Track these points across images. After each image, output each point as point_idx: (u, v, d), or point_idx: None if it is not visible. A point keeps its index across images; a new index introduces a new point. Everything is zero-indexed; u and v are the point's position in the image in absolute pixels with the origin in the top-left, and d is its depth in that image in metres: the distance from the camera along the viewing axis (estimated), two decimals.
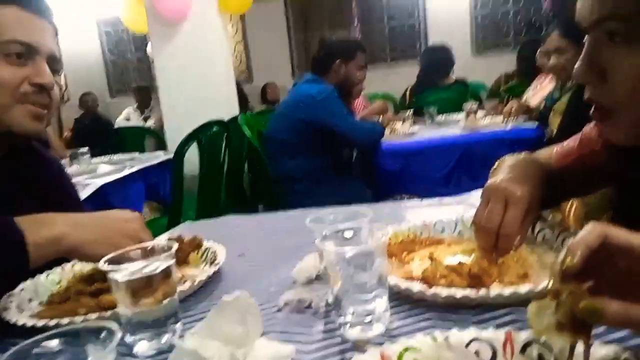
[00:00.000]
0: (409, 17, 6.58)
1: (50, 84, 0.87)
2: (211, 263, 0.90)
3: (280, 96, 5.79)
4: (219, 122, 2.76)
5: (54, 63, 0.89)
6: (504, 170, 0.78)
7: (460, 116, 3.02)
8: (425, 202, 1.22)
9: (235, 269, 0.90)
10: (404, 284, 0.66)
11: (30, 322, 0.68)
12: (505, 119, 2.69)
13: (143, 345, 0.61)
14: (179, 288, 0.70)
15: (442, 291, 0.63)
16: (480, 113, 2.91)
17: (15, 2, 0.84)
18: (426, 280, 0.68)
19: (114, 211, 0.86)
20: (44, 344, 0.40)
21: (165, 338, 0.62)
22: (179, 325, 0.64)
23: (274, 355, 0.55)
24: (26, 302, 0.80)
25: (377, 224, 0.66)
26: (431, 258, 0.78)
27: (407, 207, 1.20)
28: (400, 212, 1.16)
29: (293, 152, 2.46)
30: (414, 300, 0.66)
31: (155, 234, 1.15)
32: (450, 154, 2.41)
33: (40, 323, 0.67)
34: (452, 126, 2.82)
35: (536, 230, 0.82)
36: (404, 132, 2.71)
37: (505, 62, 4.65)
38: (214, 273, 0.84)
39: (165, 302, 0.62)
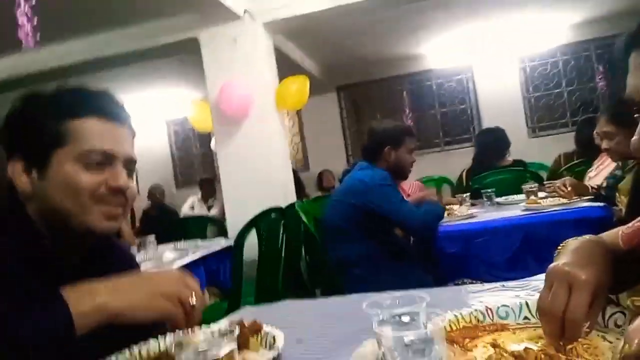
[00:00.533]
0: (460, 102, 6.71)
1: (126, 186, 0.92)
2: (270, 347, 0.91)
3: (335, 183, 5.94)
4: (276, 209, 2.86)
5: (130, 164, 0.96)
6: (568, 253, 0.76)
7: (520, 197, 2.96)
8: (487, 286, 1.18)
9: (294, 354, 0.90)
10: None
11: None
12: (565, 197, 2.59)
13: None
14: None
15: None
16: (541, 194, 2.84)
17: (96, 113, 0.91)
18: None
19: (155, 272, 0.89)
20: None
21: None
22: None
23: None
24: None
25: (436, 309, 0.65)
26: (495, 345, 0.76)
27: (468, 292, 1.17)
28: (461, 297, 1.13)
29: (348, 238, 2.48)
30: None
31: (216, 318, 1.18)
32: (513, 236, 2.33)
33: None
34: (513, 208, 2.75)
35: (607, 315, 0.77)
36: (463, 214, 2.68)
37: (562, 142, 4.58)
38: (273, 358, 0.84)
39: None
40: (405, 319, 0.63)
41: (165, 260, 2.72)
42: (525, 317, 0.86)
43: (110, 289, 0.78)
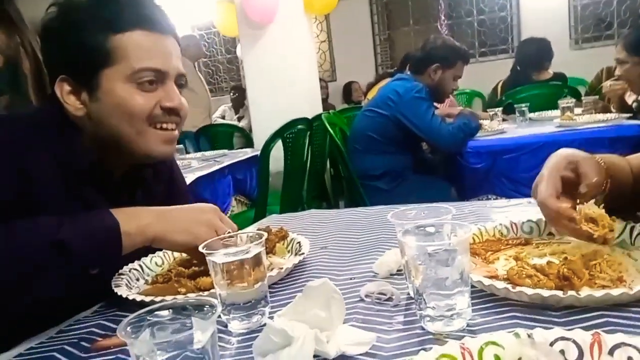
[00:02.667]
0: (500, 9, 6.29)
1: (180, 105, 0.88)
2: (296, 253, 0.95)
3: (362, 97, 5.81)
4: (303, 120, 2.84)
5: (181, 79, 0.90)
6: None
7: (554, 113, 2.85)
8: (512, 201, 1.18)
9: (318, 260, 0.94)
10: (487, 282, 0.66)
11: (139, 298, 0.76)
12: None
13: (236, 324, 0.67)
14: (268, 274, 0.75)
15: (529, 290, 0.62)
16: (577, 110, 2.72)
17: (141, 25, 0.84)
18: (511, 279, 0.68)
19: (193, 205, 0.91)
20: (156, 313, 0.46)
21: (255, 318, 0.67)
22: (267, 308, 0.69)
23: (355, 341, 0.57)
24: (134, 281, 0.89)
25: (461, 221, 0.66)
26: (517, 258, 0.77)
27: (492, 207, 1.17)
28: (485, 211, 1.14)
29: (375, 150, 2.48)
30: (497, 299, 0.65)
31: (243, 226, 1.23)
32: (543, 154, 2.26)
33: (148, 299, 0.75)
34: (546, 124, 2.66)
35: (634, 233, 0.77)
36: (493, 129, 2.61)
37: (606, 56, 4.30)
38: (299, 262, 0.88)
39: (256, 286, 0.67)
40: (430, 229, 0.64)
41: (193, 168, 2.78)
42: (550, 234, 0.87)
43: (153, 214, 0.82)
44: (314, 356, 0.54)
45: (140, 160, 0.92)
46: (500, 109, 3.00)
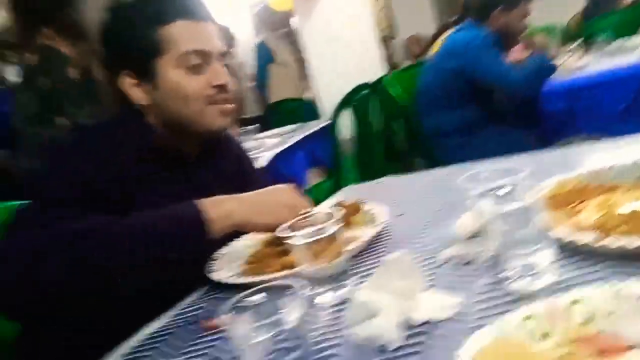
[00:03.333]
0: None
1: (227, 81, 0.97)
2: (373, 224, 0.97)
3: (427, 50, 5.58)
4: (367, 85, 2.81)
5: (224, 57, 1.00)
6: None
7: (638, 40, 2.58)
8: (597, 146, 1.11)
9: (396, 228, 0.95)
10: (572, 235, 0.64)
11: (231, 281, 0.82)
12: None
13: (321, 298, 0.71)
14: (346, 248, 0.78)
15: (618, 240, 0.59)
16: None
17: (180, 15, 0.95)
18: (599, 229, 0.65)
19: (270, 187, 0.97)
20: (251, 296, 0.51)
21: (339, 292, 0.71)
22: (349, 281, 0.72)
23: (439, 306, 0.59)
24: (227, 264, 0.96)
25: (541, 173, 0.63)
26: (604, 207, 0.73)
27: (575, 153, 1.11)
28: (567, 159, 1.08)
29: (445, 106, 2.40)
30: (583, 253, 0.63)
31: (321, 198, 1.27)
32: (629, 86, 2.08)
33: (239, 281, 0.81)
34: (629, 53, 2.42)
35: None
36: (571, 66, 2.43)
37: None
38: (377, 233, 0.90)
39: (336, 261, 0.70)
40: (504, 190, 0.63)
41: (268, 146, 2.86)
42: None
43: (236, 200, 0.89)
44: (400, 325, 0.57)
45: (204, 136, 1.02)
46: (579, 41, 2.77)
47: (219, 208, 0.85)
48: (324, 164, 3.20)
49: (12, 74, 2.10)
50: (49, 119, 1.69)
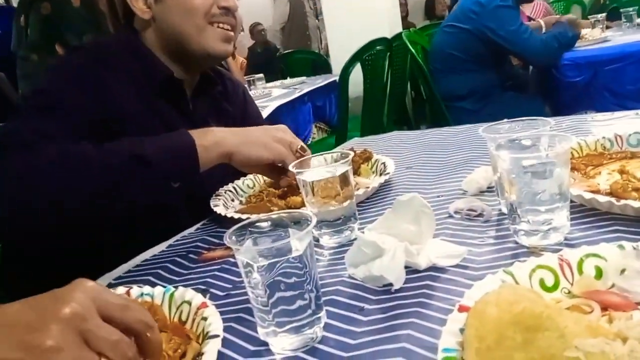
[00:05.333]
0: None
1: (235, 6, 0.96)
2: (381, 174, 0.95)
3: (446, 11, 5.42)
4: (381, 40, 2.73)
5: None
6: None
7: None
8: (617, 114, 1.08)
9: (404, 180, 0.94)
10: (589, 195, 0.62)
11: (236, 215, 0.81)
12: None
13: (327, 239, 0.70)
14: (355, 193, 0.77)
15: (635, 202, 0.58)
16: None
17: None
18: (615, 193, 0.63)
19: (265, 126, 0.93)
20: (257, 224, 0.49)
21: (345, 234, 0.70)
22: (356, 224, 0.71)
23: (446, 253, 0.58)
24: (229, 201, 0.95)
25: (560, 133, 0.61)
26: (622, 171, 0.72)
27: (594, 121, 1.08)
28: (585, 125, 1.06)
29: (459, 69, 2.34)
30: (599, 214, 0.62)
31: None
32: None
33: (244, 216, 0.80)
34: None
35: None
36: (594, 38, 2.35)
37: None
38: (385, 182, 0.89)
39: (345, 204, 0.69)
40: (526, 142, 0.61)
41: (273, 96, 2.82)
42: None
43: (228, 130, 0.85)
44: (405, 267, 0.56)
45: (202, 62, 0.99)
46: (604, 14, 2.68)
47: (210, 135, 0.82)
48: (329, 120, 3.16)
49: None
50: (49, 45, 1.68)
